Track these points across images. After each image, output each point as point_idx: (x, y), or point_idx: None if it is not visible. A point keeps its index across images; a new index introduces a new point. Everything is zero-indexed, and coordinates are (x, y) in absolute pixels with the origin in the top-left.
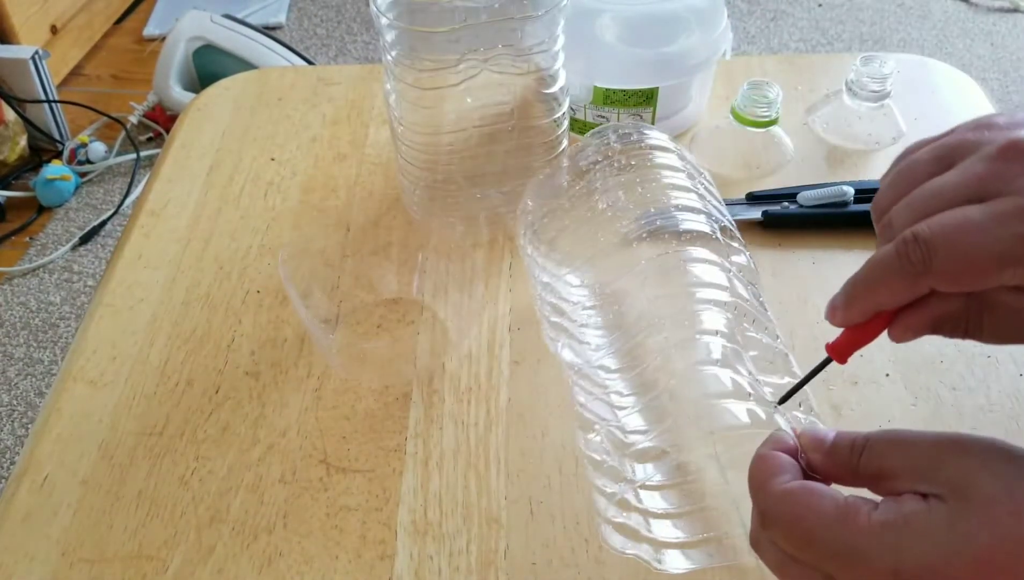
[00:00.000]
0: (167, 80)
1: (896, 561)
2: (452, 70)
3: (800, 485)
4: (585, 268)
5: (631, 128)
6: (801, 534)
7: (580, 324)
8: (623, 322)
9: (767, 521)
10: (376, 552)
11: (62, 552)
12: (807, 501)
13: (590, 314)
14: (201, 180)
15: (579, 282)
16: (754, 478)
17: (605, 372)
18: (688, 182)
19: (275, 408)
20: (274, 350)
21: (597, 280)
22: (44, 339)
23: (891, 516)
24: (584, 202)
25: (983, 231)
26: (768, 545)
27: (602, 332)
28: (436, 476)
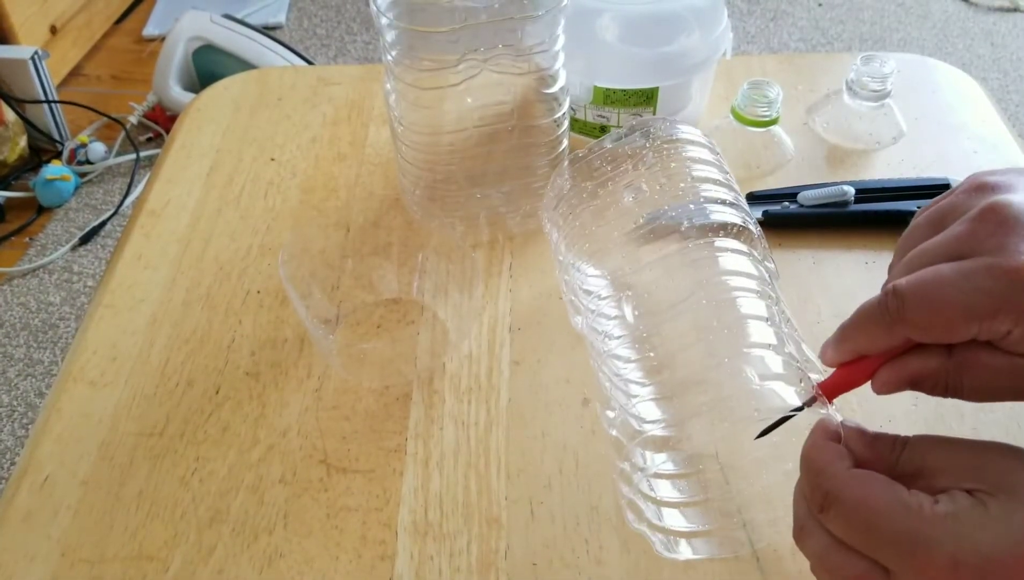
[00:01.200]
0: (167, 80)
1: (956, 550)
2: (452, 70)
3: (865, 472)
4: (604, 258)
5: (660, 121)
6: (864, 516)
7: (597, 312)
8: (644, 311)
9: (828, 502)
10: (376, 552)
11: (62, 553)
12: (874, 486)
13: (607, 304)
14: (201, 180)
15: (597, 272)
16: (814, 461)
17: (622, 362)
18: (720, 176)
19: (275, 408)
20: (274, 350)
21: (617, 270)
22: (44, 340)
23: (952, 508)
24: (608, 192)
25: (952, 285)
26: (816, 531)
27: (618, 322)
28: (436, 476)
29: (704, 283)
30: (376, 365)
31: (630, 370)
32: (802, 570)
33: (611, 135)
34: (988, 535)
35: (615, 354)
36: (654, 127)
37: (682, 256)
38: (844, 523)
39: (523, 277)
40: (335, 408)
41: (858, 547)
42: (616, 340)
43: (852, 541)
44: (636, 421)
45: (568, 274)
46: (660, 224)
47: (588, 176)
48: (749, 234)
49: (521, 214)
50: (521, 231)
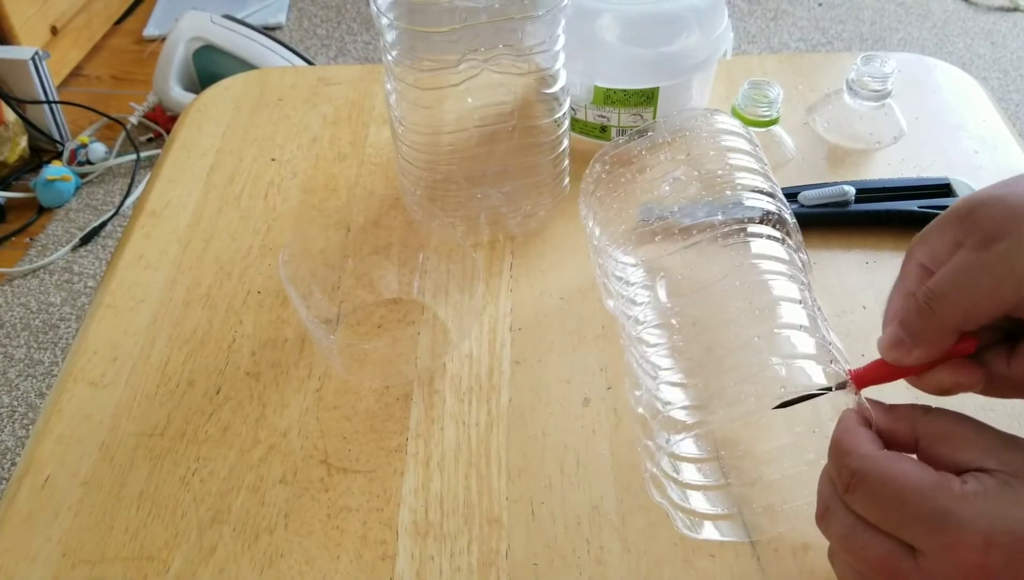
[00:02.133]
0: (167, 81)
1: (989, 528)
2: (452, 70)
3: (892, 453)
4: (639, 243)
5: (699, 112)
6: (893, 493)
7: (628, 297)
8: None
9: (855, 481)
10: (377, 552)
11: (63, 553)
12: (902, 465)
13: (638, 288)
14: (201, 181)
15: (631, 257)
16: (842, 444)
17: (650, 347)
18: (757, 165)
19: (276, 408)
20: (275, 350)
21: (652, 254)
22: (44, 340)
23: (981, 488)
24: (645, 179)
25: None
26: (841, 511)
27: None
28: (437, 476)
29: (737, 266)
30: (376, 365)
31: (657, 353)
32: (803, 570)
33: (649, 124)
34: (1018, 515)
35: (643, 337)
36: (693, 117)
37: (716, 241)
38: (871, 501)
39: (524, 277)
40: (336, 408)
41: (885, 526)
42: (646, 324)
43: (879, 520)
44: (660, 403)
45: (602, 258)
46: (695, 212)
47: (626, 162)
48: (785, 223)
49: (522, 214)
50: (522, 231)
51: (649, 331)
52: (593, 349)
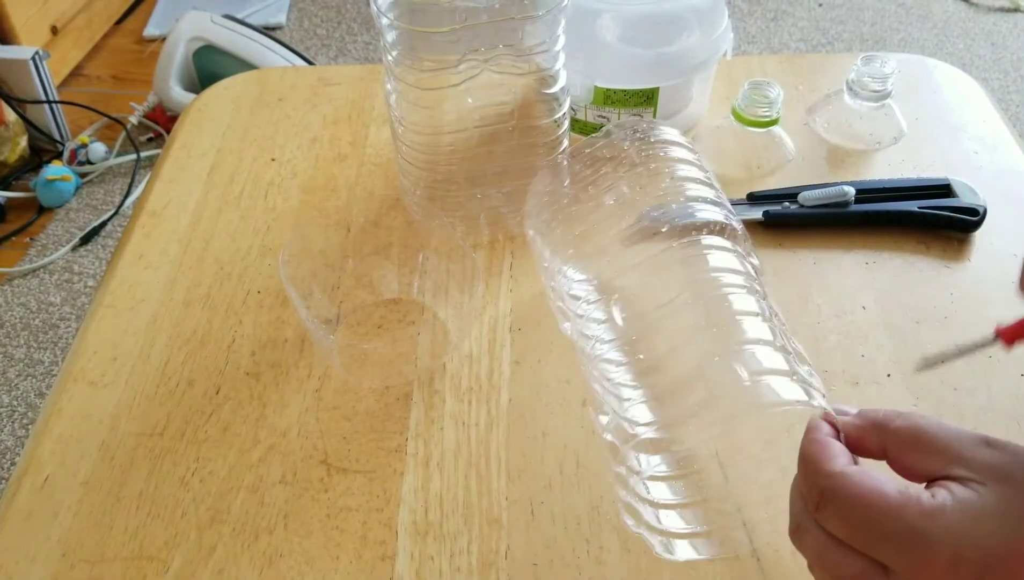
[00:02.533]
0: (167, 81)
1: (956, 544)
2: (452, 70)
3: (860, 469)
4: (590, 263)
5: (639, 123)
6: (861, 514)
7: (585, 317)
8: (633, 313)
9: (824, 500)
10: (377, 553)
11: (63, 553)
12: (869, 483)
13: (595, 308)
14: (201, 180)
15: (583, 277)
16: (810, 460)
17: (613, 366)
18: (701, 174)
19: (276, 409)
20: (274, 350)
21: (604, 273)
22: (44, 340)
23: (949, 502)
24: (589, 197)
25: None
26: (813, 529)
27: (607, 326)
28: (437, 476)
29: (691, 282)
30: (376, 365)
31: (620, 374)
32: (803, 570)
33: (588, 140)
34: (986, 528)
35: (605, 358)
36: (633, 128)
37: (668, 256)
38: (841, 521)
39: (523, 277)
40: (335, 408)
41: (856, 545)
42: (606, 344)
43: (849, 539)
44: (629, 424)
45: (554, 280)
46: (644, 225)
47: (570, 180)
48: (732, 231)
49: (521, 214)
50: (521, 231)
51: (610, 351)
52: None
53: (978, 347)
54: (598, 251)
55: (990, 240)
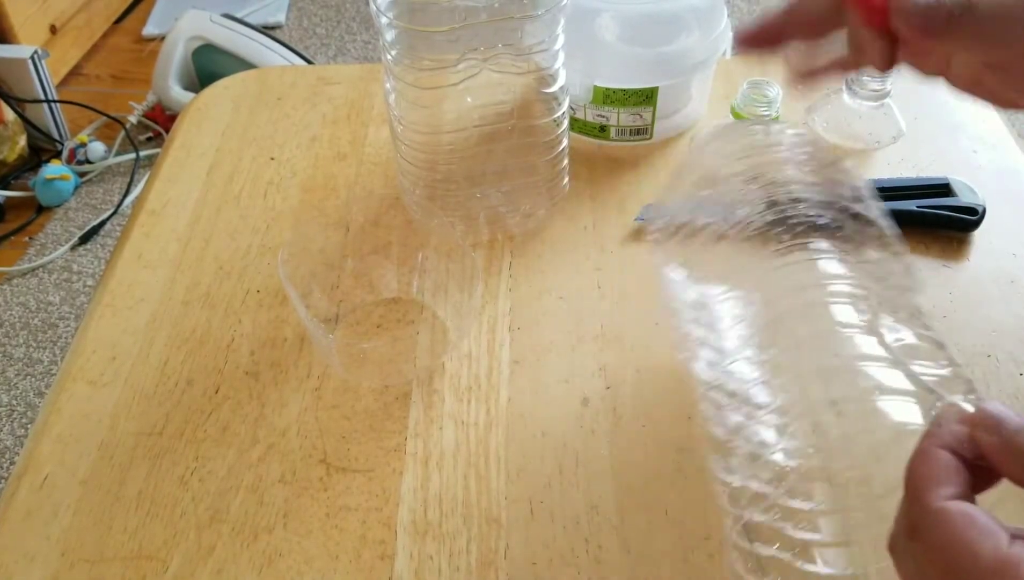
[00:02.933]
0: (166, 80)
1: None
2: (452, 69)
3: (961, 510)
4: (731, 277)
5: (767, 125)
6: (946, 566)
7: (725, 339)
8: (769, 325)
9: (915, 533)
10: (376, 552)
11: (62, 552)
12: (965, 534)
13: (740, 327)
14: (201, 180)
15: (725, 294)
16: (912, 480)
17: (751, 386)
18: (812, 176)
19: (275, 408)
20: (274, 350)
21: (743, 287)
22: (43, 339)
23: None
24: (715, 207)
25: None
26: (907, 556)
27: (751, 345)
28: (436, 476)
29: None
30: (376, 364)
31: (756, 392)
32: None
33: (695, 151)
34: None
35: (753, 401)
36: (754, 134)
37: (785, 266)
38: (927, 562)
39: (523, 277)
40: (335, 407)
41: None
42: (742, 363)
43: (934, 578)
44: (771, 451)
45: (697, 313)
46: (760, 228)
47: (683, 205)
48: (846, 236)
49: (521, 214)
50: (521, 231)
51: (762, 392)
52: (592, 349)
53: None
54: (725, 270)
55: (989, 239)
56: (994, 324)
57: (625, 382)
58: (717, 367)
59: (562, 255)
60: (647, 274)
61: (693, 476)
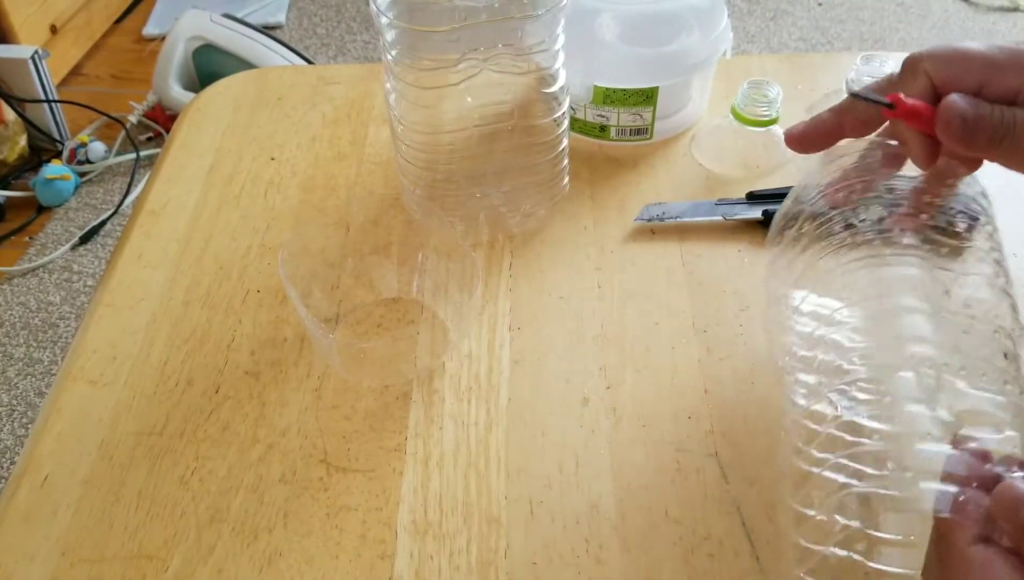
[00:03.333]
0: (167, 80)
1: None
2: (452, 69)
3: (986, 555)
4: (848, 295)
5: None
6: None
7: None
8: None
9: (944, 572)
10: (376, 552)
11: (62, 552)
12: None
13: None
14: (201, 180)
15: (841, 315)
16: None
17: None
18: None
19: (275, 408)
20: (274, 350)
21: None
22: (44, 339)
23: None
24: (832, 229)
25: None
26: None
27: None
28: (436, 476)
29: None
30: (376, 364)
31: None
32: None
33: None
34: None
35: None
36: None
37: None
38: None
39: (523, 276)
40: (335, 407)
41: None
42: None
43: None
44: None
45: (809, 329)
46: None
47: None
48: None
49: (521, 214)
50: (521, 231)
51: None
52: (592, 349)
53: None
54: (848, 291)
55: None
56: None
57: (625, 382)
58: (818, 393)
59: (562, 255)
60: (647, 274)
61: (693, 476)
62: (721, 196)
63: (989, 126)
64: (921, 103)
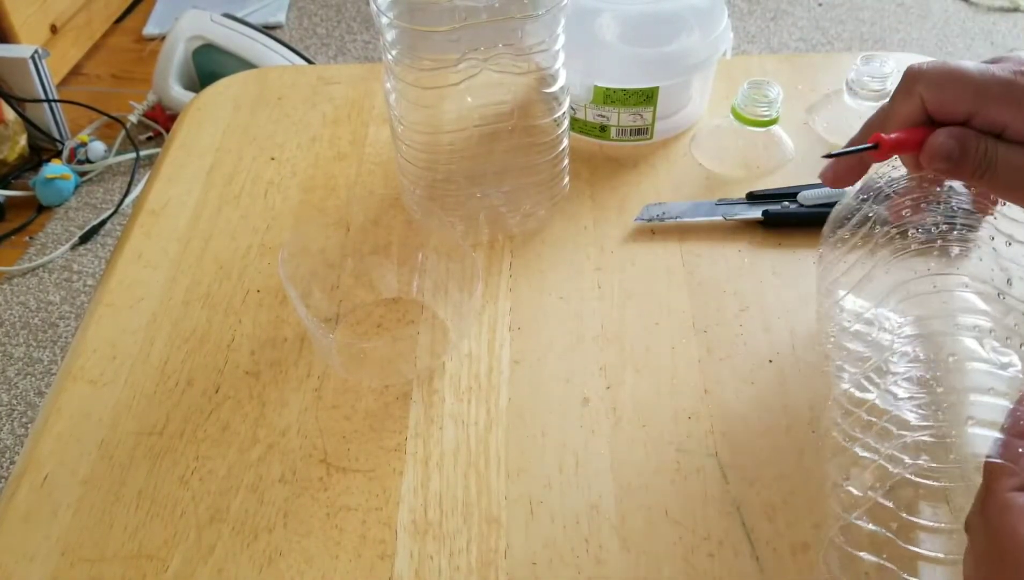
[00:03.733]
0: (167, 79)
1: None
2: (452, 69)
3: (1020, 503)
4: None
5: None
6: (1001, 550)
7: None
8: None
9: (985, 518)
10: (376, 552)
11: (62, 552)
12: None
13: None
14: (201, 179)
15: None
16: (988, 466)
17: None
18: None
19: (275, 408)
20: (274, 350)
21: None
22: (44, 338)
23: None
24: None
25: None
26: (977, 535)
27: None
28: (436, 476)
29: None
30: (376, 364)
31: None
32: (801, 569)
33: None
34: None
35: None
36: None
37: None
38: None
39: (523, 276)
40: (335, 407)
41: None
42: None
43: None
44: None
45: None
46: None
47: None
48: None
49: (521, 214)
50: (521, 231)
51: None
52: (592, 348)
53: (859, 150)
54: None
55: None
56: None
57: (625, 382)
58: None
59: (562, 255)
60: (647, 274)
61: (693, 476)
62: (721, 196)
63: (972, 162)
64: (903, 133)
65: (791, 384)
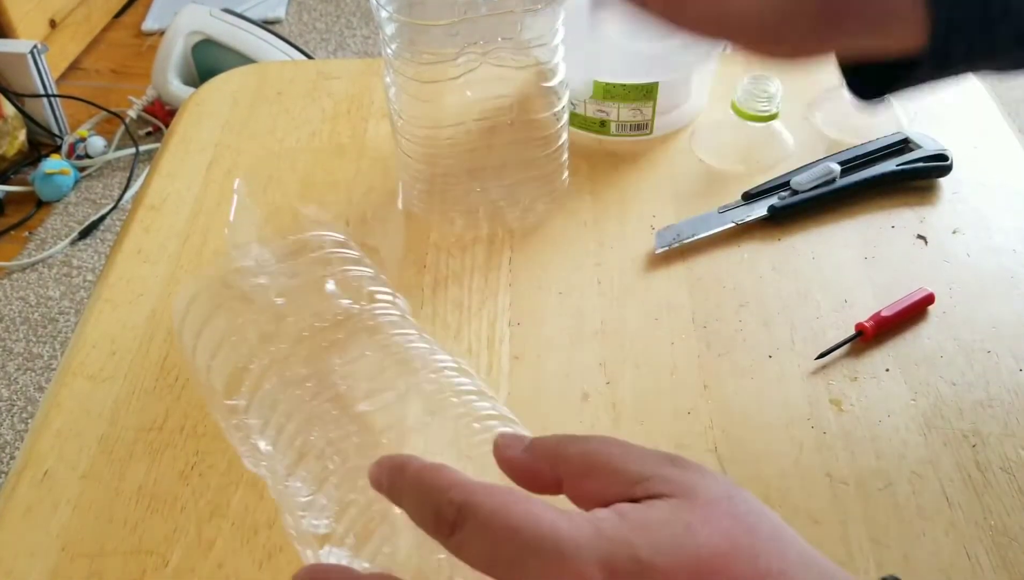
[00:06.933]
0: (166, 74)
1: (609, 556)
2: (452, 63)
3: (503, 486)
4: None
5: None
6: (505, 523)
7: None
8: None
9: (462, 516)
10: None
11: (62, 547)
12: (512, 494)
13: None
14: (200, 174)
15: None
16: (440, 477)
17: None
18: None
19: None
20: None
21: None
22: (43, 334)
23: (607, 516)
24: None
25: None
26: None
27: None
28: None
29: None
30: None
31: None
32: None
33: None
34: (645, 538)
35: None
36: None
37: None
38: (483, 536)
39: (522, 271)
40: None
41: (498, 569)
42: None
43: (493, 560)
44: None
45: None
46: None
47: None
48: None
49: (521, 208)
50: (520, 225)
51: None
52: (592, 344)
53: (847, 342)
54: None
55: (990, 236)
56: (994, 320)
57: (624, 377)
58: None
59: (562, 250)
60: (647, 269)
61: None
62: (721, 192)
63: None
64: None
65: (790, 379)
